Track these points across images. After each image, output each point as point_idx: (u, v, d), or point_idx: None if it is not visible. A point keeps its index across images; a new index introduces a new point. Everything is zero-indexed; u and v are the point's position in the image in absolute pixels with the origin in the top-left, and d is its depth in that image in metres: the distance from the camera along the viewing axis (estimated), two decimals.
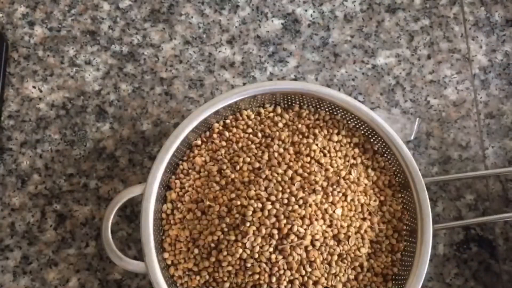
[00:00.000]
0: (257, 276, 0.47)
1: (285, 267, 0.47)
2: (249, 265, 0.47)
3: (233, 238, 0.47)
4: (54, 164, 0.55)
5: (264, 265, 0.47)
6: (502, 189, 0.56)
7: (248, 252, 0.47)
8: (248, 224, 0.47)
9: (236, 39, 0.59)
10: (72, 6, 0.59)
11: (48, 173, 0.55)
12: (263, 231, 0.47)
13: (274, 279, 0.47)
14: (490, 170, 0.56)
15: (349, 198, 0.49)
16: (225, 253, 0.47)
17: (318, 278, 0.48)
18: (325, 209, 0.48)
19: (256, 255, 0.47)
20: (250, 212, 0.47)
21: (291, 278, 0.47)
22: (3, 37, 0.56)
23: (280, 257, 0.47)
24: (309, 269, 0.47)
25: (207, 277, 0.48)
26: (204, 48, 0.58)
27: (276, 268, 0.47)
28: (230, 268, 0.47)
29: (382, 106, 0.58)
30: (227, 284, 0.48)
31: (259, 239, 0.47)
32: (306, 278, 0.47)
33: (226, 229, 0.48)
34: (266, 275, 0.47)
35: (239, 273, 0.48)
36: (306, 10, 0.60)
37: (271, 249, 0.47)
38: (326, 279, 0.48)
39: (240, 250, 0.47)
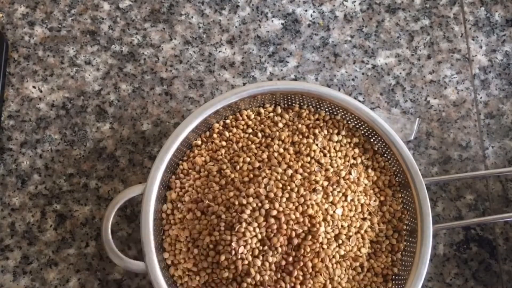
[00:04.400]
0: None
1: None
2: None
3: (229, 238, 0.47)
4: (54, 164, 0.55)
5: None
6: (502, 189, 0.56)
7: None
8: (244, 224, 0.47)
9: (236, 39, 0.59)
10: (72, 6, 0.59)
11: (48, 173, 0.55)
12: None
13: None
14: (490, 170, 0.56)
15: (349, 198, 0.49)
16: (223, 254, 0.47)
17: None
18: (326, 209, 0.48)
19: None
20: (248, 211, 0.47)
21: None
22: (3, 37, 0.56)
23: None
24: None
25: (207, 277, 0.48)
26: (204, 48, 0.58)
27: None
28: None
29: (382, 106, 0.58)
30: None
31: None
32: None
33: (223, 229, 0.47)
34: None
35: None
36: (306, 10, 0.60)
37: None
38: (326, 279, 0.48)
39: None
